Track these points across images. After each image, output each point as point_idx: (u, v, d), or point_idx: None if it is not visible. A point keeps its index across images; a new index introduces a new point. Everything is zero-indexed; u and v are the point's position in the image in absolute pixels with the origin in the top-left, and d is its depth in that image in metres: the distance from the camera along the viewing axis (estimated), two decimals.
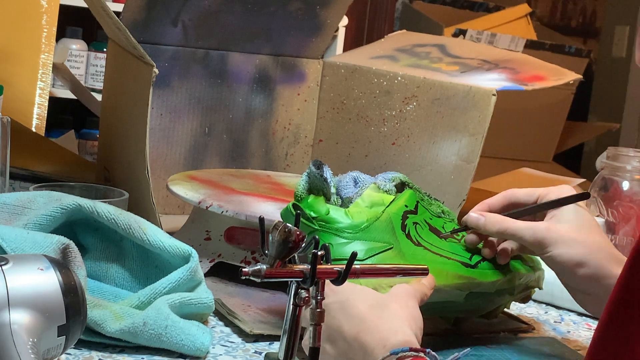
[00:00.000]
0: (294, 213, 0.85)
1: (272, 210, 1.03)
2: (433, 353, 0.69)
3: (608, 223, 1.30)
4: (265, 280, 0.68)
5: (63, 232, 0.87)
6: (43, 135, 1.49)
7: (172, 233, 0.99)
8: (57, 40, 1.97)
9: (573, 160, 3.63)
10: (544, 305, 1.15)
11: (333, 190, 0.90)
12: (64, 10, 1.83)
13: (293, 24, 1.44)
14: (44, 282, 0.67)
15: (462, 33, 2.79)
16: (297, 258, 0.72)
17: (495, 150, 2.66)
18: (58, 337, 0.67)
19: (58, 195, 0.91)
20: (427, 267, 0.80)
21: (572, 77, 1.34)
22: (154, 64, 1.07)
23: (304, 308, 0.71)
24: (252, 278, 0.68)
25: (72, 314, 0.67)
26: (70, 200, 0.89)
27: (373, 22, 3.18)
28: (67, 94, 2.42)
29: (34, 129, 1.49)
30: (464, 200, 1.21)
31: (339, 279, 0.71)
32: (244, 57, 1.44)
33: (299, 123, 1.51)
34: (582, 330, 1.06)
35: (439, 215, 0.94)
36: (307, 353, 0.74)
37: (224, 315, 0.95)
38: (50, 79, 1.57)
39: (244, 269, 0.68)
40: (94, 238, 0.92)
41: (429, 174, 1.26)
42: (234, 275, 1.04)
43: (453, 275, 0.89)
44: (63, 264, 0.70)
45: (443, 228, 0.93)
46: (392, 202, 0.89)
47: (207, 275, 1.01)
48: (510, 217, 0.93)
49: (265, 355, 0.83)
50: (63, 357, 0.79)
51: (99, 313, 0.82)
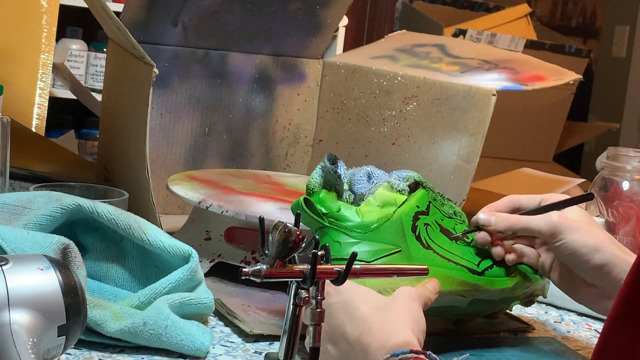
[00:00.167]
0: (304, 207, 0.84)
1: (272, 210, 1.03)
2: (434, 355, 0.69)
3: (608, 223, 1.30)
4: (265, 280, 0.68)
5: (63, 232, 0.87)
6: (43, 135, 1.49)
7: (172, 233, 0.99)
8: (57, 40, 1.97)
9: (573, 160, 3.63)
10: (544, 305, 1.15)
11: (346, 187, 0.89)
12: (64, 10, 1.83)
13: (293, 24, 1.44)
14: (44, 282, 0.67)
15: (462, 33, 2.79)
16: (297, 258, 0.72)
17: (495, 150, 2.66)
18: (58, 337, 0.67)
19: (58, 195, 0.91)
20: (427, 267, 0.79)
21: (572, 77, 1.34)
22: (154, 64, 1.07)
23: (304, 308, 0.71)
24: (252, 278, 0.68)
25: (72, 314, 0.67)
26: (70, 200, 0.89)
27: (373, 22, 3.18)
28: (67, 94, 2.42)
29: (34, 129, 1.49)
30: (464, 200, 1.21)
31: (339, 279, 0.71)
32: (244, 57, 1.44)
33: (299, 123, 1.51)
34: (582, 330, 1.06)
35: (451, 216, 0.93)
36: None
37: (224, 315, 0.95)
38: (50, 79, 1.57)
39: (244, 269, 0.68)
40: (94, 238, 0.92)
41: (429, 174, 1.26)
42: (234, 275, 1.04)
43: (459, 282, 0.88)
44: (63, 264, 0.70)
45: (454, 229, 0.92)
46: (404, 202, 0.89)
47: (207, 275, 1.01)
48: None
49: (265, 355, 0.83)
50: (63, 357, 0.79)
51: (99, 313, 0.82)
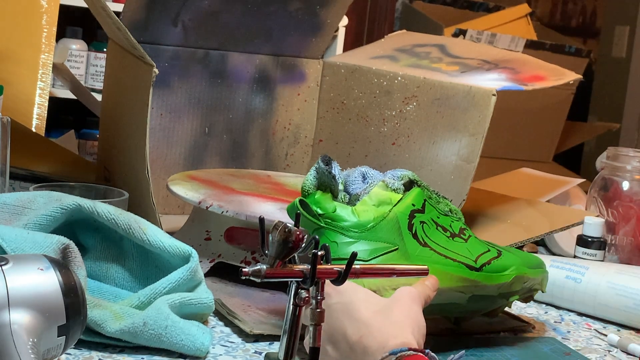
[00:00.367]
0: (300, 209, 0.85)
1: (272, 210, 1.03)
2: (432, 354, 0.69)
3: (608, 223, 1.30)
4: (265, 280, 0.68)
5: (63, 232, 0.87)
6: (43, 135, 1.49)
7: (172, 233, 0.99)
8: (57, 40, 1.97)
9: (573, 160, 3.63)
10: (544, 305, 1.15)
11: (341, 188, 0.89)
12: (64, 10, 1.83)
13: (293, 24, 1.44)
14: (44, 282, 0.67)
15: (462, 33, 2.79)
16: (297, 258, 0.72)
17: (495, 150, 2.65)
18: (58, 337, 0.67)
19: (58, 195, 0.91)
20: (427, 267, 0.79)
21: (572, 77, 1.34)
22: (154, 64, 1.07)
23: (304, 308, 0.71)
24: (252, 278, 0.68)
25: (72, 314, 0.67)
26: (70, 200, 0.89)
27: (373, 22, 3.17)
28: (67, 94, 2.42)
29: (34, 129, 1.49)
30: (464, 200, 1.21)
31: (339, 279, 0.71)
32: (244, 57, 1.44)
33: (299, 123, 1.51)
34: (582, 330, 1.06)
35: (446, 214, 0.93)
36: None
37: (224, 315, 0.95)
38: (50, 79, 1.57)
39: (244, 269, 0.68)
40: (94, 238, 0.92)
41: (429, 174, 1.26)
42: (234, 275, 1.04)
43: (457, 278, 0.88)
44: (63, 264, 0.70)
45: (450, 227, 0.92)
46: (399, 201, 0.89)
47: (207, 275, 1.01)
48: None
49: (265, 355, 0.82)
50: (63, 357, 0.79)
51: (99, 313, 0.82)
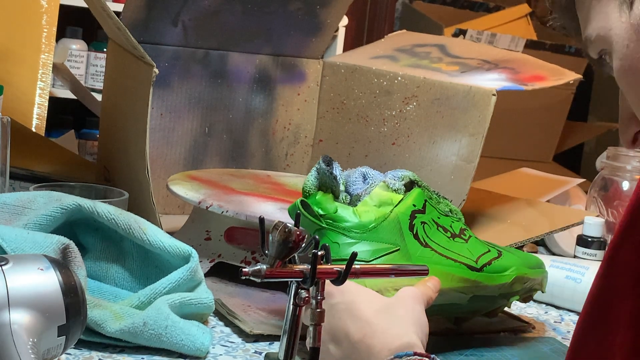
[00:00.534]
0: (302, 210, 0.85)
1: (272, 210, 1.03)
2: (438, 359, 0.69)
3: (608, 223, 1.30)
4: (265, 281, 0.68)
5: (63, 232, 0.87)
6: (43, 135, 1.49)
7: (172, 233, 0.99)
8: (57, 40, 1.97)
9: (573, 160, 3.63)
10: (544, 305, 1.15)
11: (342, 188, 0.89)
12: (64, 10, 1.83)
13: (293, 24, 1.44)
14: (44, 282, 0.67)
15: (462, 33, 2.79)
16: (297, 258, 0.72)
17: (495, 150, 2.65)
18: (58, 337, 0.67)
19: (58, 195, 0.91)
20: (427, 267, 0.79)
21: (572, 77, 1.34)
22: (154, 64, 1.07)
23: (304, 308, 0.71)
24: (252, 278, 0.68)
25: (72, 314, 0.67)
26: (70, 200, 0.89)
27: (373, 22, 3.17)
28: (67, 94, 2.42)
29: (34, 129, 1.49)
30: (464, 200, 1.21)
31: (339, 279, 0.71)
32: (244, 57, 1.44)
33: (299, 123, 1.51)
34: None
35: (447, 214, 0.94)
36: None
37: (224, 315, 0.95)
38: (50, 79, 1.57)
39: (244, 269, 0.68)
40: (94, 238, 0.92)
41: (429, 174, 1.26)
42: (234, 275, 1.04)
43: (458, 279, 0.88)
44: (63, 264, 0.70)
45: (451, 227, 0.92)
46: (400, 201, 0.89)
47: (207, 275, 1.01)
48: None
49: (265, 355, 0.82)
50: (63, 357, 0.79)
51: (99, 313, 0.82)
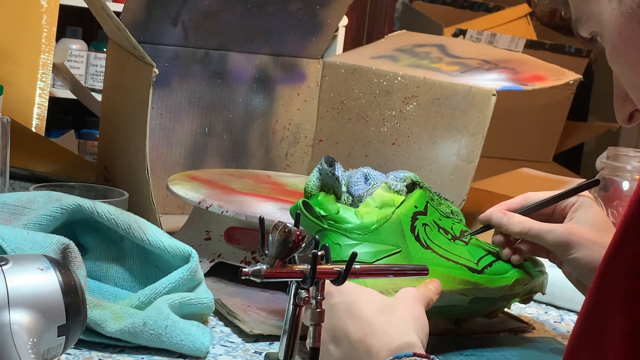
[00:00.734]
0: (303, 210, 0.85)
1: (272, 210, 1.03)
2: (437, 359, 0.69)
3: None
4: (265, 281, 0.68)
5: (63, 232, 0.87)
6: (43, 135, 1.49)
7: (172, 233, 0.99)
8: (57, 40, 1.97)
9: (573, 160, 3.63)
10: (544, 305, 1.15)
11: (344, 189, 0.89)
12: (64, 10, 1.83)
13: (293, 24, 1.44)
14: (44, 282, 0.67)
15: (462, 33, 2.79)
16: (297, 258, 0.72)
17: (495, 150, 2.65)
18: (58, 337, 0.67)
19: (58, 195, 0.91)
20: (427, 267, 0.79)
21: (572, 77, 1.34)
22: (154, 64, 1.07)
23: (304, 308, 0.71)
24: (252, 278, 0.68)
25: (72, 314, 0.67)
26: (70, 200, 0.89)
27: (373, 22, 3.17)
28: (67, 94, 2.42)
29: (34, 129, 1.49)
30: (464, 200, 1.21)
31: (339, 279, 0.71)
32: (244, 57, 1.44)
33: (299, 123, 1.51)
34: None
35: (448, 216, 0.93)
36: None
37: (224, 315, 0.95)
38: (50, 79, 1.57)
39: (244, 269, 0.68)
40: (94, 238, 0.92)
41: (429, 174, 1.26)
42: (234, 275, 1.04)
43: (459, 281, 0.88)
44: (63, 264, 0.70)
45: (452, 229, 0.92)
46: (402, 203, 0.89)
47: (207, 275, 1.01)
48: (527, 211, 0.93)
49: (265, 355, 0.82)
50: (63, 357, 0.79)
51: (99, 313, 0.82)
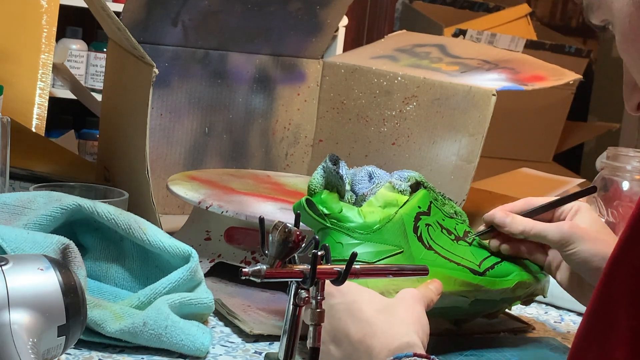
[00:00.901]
0: (306, 208, 0.85)
1: (272, 210, 1.03)
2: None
3: (608, 223, 1.30)
4: (265, 281, 0.68)
5: (63, 232, 0.87)
6: (43, 135, 1.49)
7: (172, 233, 0.99)
8: (57, 40, 1.97)
9: (573, 160, 3.63)
10: (544, 305, 1.15)
11: (348, 188, 0.89)
12: (64, 10, 1.83)
13: (293, 24, 1.44)
14: (44, 282, 0.67)
15: (462, 33, 2.79)
16: (297, 258, 0.72)
17: (495, 150, 2.65)
18: (58, 337, 0.67)
19: (58, 195, 0.91)
20: (426, 267, 0.79)
21: (572, 77, 1.34)
22: (154, 64, 1.07)
23: (304, 308, 0.71)
24: (252, 278, 0.68)
25: (72, 314, 0.67)
26: (70, 200, 0.89)
27: (373, 22, 3.17)
28: (67, 94, 2.42)
29: (34, 129, 1.49)
30: (464, 200, 1.21)
31: (339, 279, 0.71)
32: (244, 57, 1.44)
33: (299, 123, 1.51)
34: None
35: (452, 216, 0.93)
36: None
37: (224, 315, 0.95)
38: (50, 79, 1.57)
39: (244, 269, 0.68)
40: (94, 238, 0.92)
41: (429, 174, 1.26)
42: (234, 275, 1.04)
43: (461, 283, 0.88)
44: (63, 264, 0.70)
45: (455, 229, 0.92)
46: (405, 203, 0.89)
47: (207, 275, 1.01)
48: (527, 216, 0.94)
49: (265, 355, 0.82)
50: (63, 357, 0.79)
51: (99, 313, 0.82)
